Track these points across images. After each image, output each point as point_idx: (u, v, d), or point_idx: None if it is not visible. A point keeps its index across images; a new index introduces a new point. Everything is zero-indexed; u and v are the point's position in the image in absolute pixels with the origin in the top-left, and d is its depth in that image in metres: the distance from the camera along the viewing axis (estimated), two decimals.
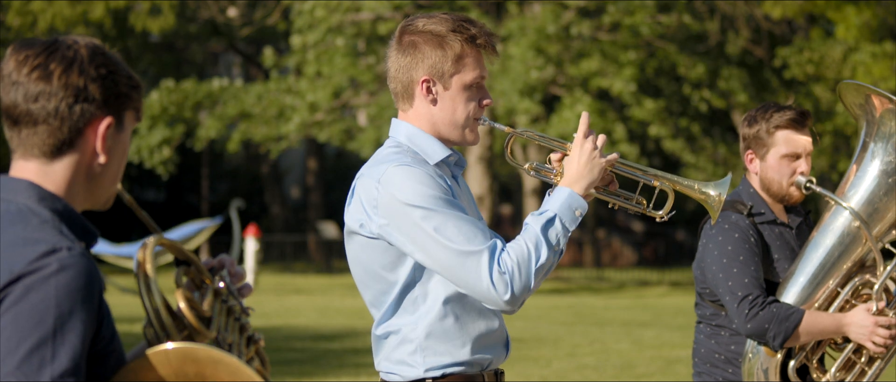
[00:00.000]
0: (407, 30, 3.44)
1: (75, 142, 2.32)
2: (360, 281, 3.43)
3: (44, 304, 2.15)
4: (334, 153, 41.06)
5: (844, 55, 22.91)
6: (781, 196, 4.66)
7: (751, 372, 4.56)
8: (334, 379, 11.38)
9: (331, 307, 19.74)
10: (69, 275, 2.17)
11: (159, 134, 25.75)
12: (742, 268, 4.51)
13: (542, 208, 3.37)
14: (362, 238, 3.34)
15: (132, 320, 15.52)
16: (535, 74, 23.42)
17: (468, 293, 3.27)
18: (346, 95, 25.56)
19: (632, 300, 23.45)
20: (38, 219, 2.26)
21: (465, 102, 3.41)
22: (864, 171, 4.62)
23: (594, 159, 3.41)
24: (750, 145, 4.68)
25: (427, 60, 3.39)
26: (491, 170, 27.05)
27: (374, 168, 3.35)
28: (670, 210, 3.60)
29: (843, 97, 4.70)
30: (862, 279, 4.58)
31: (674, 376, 11.59)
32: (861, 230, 4.53)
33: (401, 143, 3.41)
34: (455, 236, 3.22)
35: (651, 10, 24.64)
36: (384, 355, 3.40)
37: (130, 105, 2.38)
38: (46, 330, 2.13)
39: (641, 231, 39.28)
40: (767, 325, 4.44)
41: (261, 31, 32.99)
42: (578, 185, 3.39)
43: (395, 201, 3.26)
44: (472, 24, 3.42)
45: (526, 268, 3.23)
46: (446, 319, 3.33)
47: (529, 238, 3.27)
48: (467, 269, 3.21)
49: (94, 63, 2.32)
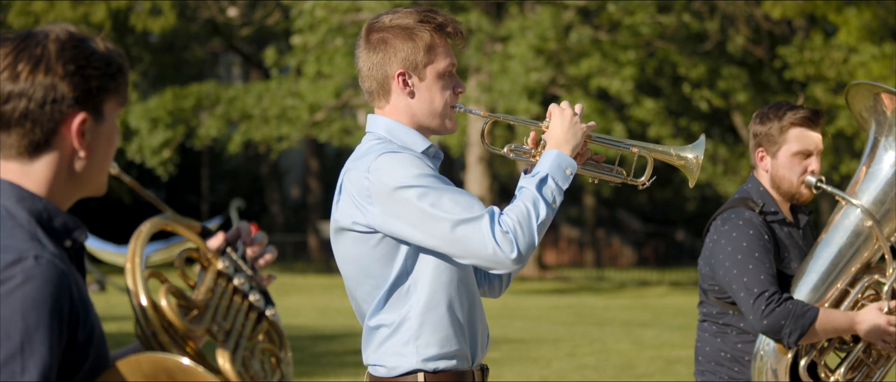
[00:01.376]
0: (374, 28, 3.46)
1: (51, 141, 2.25)
2: (352, 278, 3.43)
3: (10, 318, 2.09)
4: (334, 153, 41.05)
5: (845, 56, 22.92)
6: (791, 194, 4.65)
7: (761, 372, 4.55)
8: (334, 379, 11.38)
9: (331, 307, 19.74)
10: (35, 286, 2.11)
11: (161, 135, 25.78)
12: (758, 265, 4.50)
13: (534, 170, 3.43)
14: (354, 234, 3.35)
15: (132, 319, 15.52)
16: (535, 76, 23.43)
17: (473, 260, 3.29)
18: (346, 95, 25.57)
19: (632, 300, 23.45)
20: (13, 222, 2.20)
21: (440, 91, 3.44)
22: (875, 170, 4.60)
23: (576, 123, 3.49)
24: (761, 142, 4.67)
25: (399, 54, 3.41)
26: (491, 170, 27.05)
27: (359, 161, 3.36)
28: (650, 176, 3.68)
29: (850, 103, 4.68)
30: (870, 280, 4.58)
31: (674, 376, 11.59)
32: (873, 229, 4.52)
33: (381, 136, 3.43)
34: (452, 207, 3.26)
35: (651, 10, 24.64)
36: (374, 346, 3.40)
37: (109, 95, 2.29)
38: (14, 345, 2.09)
39: (641, 231, 39.27)
40: (784, 321, 4.43)
41: (261, 31, 32.99)
42: (565, 148, 3.46)
43: (387, 187, 3.28)
44: (438, 13, 3.45)
45: (527, 225, 3.27)
46: (437, 309, 3.35)
47: (526, 198, 3.33)
48: (470, 236, 3.25)
49: (63, 59, 2.23)
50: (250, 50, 35.91)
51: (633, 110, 24.60)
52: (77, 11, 25.38)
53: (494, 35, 24.55)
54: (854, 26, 22.18)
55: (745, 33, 26.11)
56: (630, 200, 40.04)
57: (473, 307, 3.44)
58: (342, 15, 24.58)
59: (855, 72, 22.26)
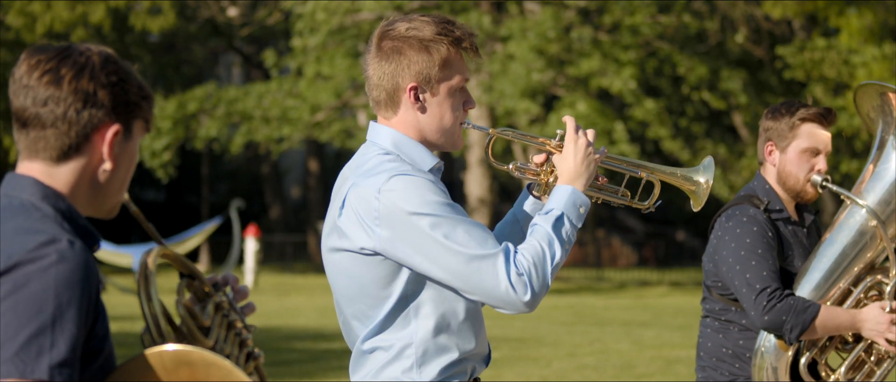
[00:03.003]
0: (387, 35, 3.27)
1: (82, 147, 2.34)
2: (345, 294, 3.26)
3: (44, 293, 2.16)
4: (334, 154, 41.05)
5: (845, 57, 22.92)
6: (797, 192, 4.66)
7: (761, 370, 4.56)
8: (334, 379, 11.38)
9: (331, 307, 19.59)
10: (69, 266, 2.18)
11: (164, 140, 25.81)
12: (760, 261, 4.51)
13: (547, 207, 3.28)
14: (353, 254, 3.20)
15: (133, 319, 15.53)
16: (535, 77, 23.42)
17: (483, 298, 3.16)
18: (346, 96, 25.58)
19: (632, 300, 23.45)
20: (40, 213, 2.28)
21: (452, 108, 3.28)
22: (882, 170, 4.59)
23: (589, 155, 3.34)
24: (771, 136, 4.68)
25: (414, 67, 3.24)
26: (491, 172, 27.05)
27: (369, 178, 3.18)
28: (656, 201, 3.54)
29: (859, 103, 4.68)
30: (874, 280, 4.58)
31: (674, 376, 11.59)
32: (877, 229, 4.52)
33: (388, 150, 3.27)
34: (467, 241, 3.12)
35: (651, 10, 24.64)
36: (369, 371, 3.25)
37: (140, 115, 2.40)
38: (46, 319, 2.15)
39: (641, 231, 39.28)
40: (785, 317, 4.43)
41: (261, 31, 32.99)
42: (579, 182, 3.32)
43: (400, 211, 3.12)
44: (455, 25, 3.29)
45: (542, 267, 3.15)
46: (440, 335, 3.22)
47: (541, 238, 3.19)
48: (483, 274, 3.11)
49: (105, 70, 2.34)
50: (250, 50, 35.90)
51: (633, 110, 24.60)
52: (75, 12, 25.37)
53: (495, 35, 24.55)
54: (855, 28, 22.18)
55: (745, 33, 26.11)
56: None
57: (479, 331, 3.31)
58: (342, 16, 24.58)
59: (855, 72, 22.25)
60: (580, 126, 3.38)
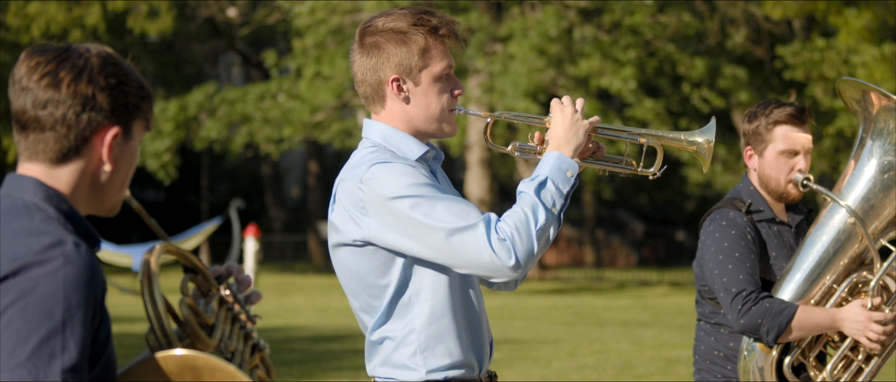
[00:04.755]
0: (367, 31, 3.36)
1: (81, 149, 2.33)
2: (350, 289, 3.36)
3: (53, 296, 2.15)
4: (334, 154, 41.05)
5: (845, 57, 22.92)
6: (779, 194, 4.66)
7: (746, 371, 4.56)
8: (334, 380, 11.38)
9: (331, 307, 19.73)
10: (76, 269, 2.18)
11: (165, 141, 25.81)
12: (737, 264, 4.51)
13: (534, 174, 3.31)
14: (349, 247, 3.28)
15: (132, 320, 15.53)
16: (536, 76, 23.43)
17: (470, 270, 3.19)
18: (346, 96, 25.58)
19: (632, 300, 23.45)
20: (44, 214, 2.28)
21: (437, 95, 3.34)
22: (861, 168, 4.61)
23: (577, 121, 3.36)
24: (749, 140, 4.68)
25: (393, 59, 3.31)
26: (491, 171, 27.05)
27: (353, 170, 3.28)
28: (661, 166, 3.53)
29: (842, 93, 4.69)
30: (859, 277, 4.58)
31: (674, 376, 11.59)
32: (857, 227, 4.53)
33: (376, 143, 3.35)
34: (446, 216, 3.16)
35: (651, 10, 24.64)
36: (380, 360, 3.33)
37: (140, 115, 2.39)
38: (56, 323, 2.14)
39: (641, 231, 39.28)
40: (760, 320, 4.43)
41: (261, 31, 32.99)
42: (567, 148, 3.33)
43: (380, 197, 3.19)
44: (432, 14, 3.34)
45: (525, 232, 3.16)
46: (442, 319, 3.28)
47: (525, 203, 3.21)
48: (465, 245, 3.15)
49: (105, 73, 2.33)
50: (250, 50, 35.90)
51: (633, 110, 24.61)
52: (72, 14, 25.36)
53: (495, 35, 24.56)
54: (854, 28, 22.17)
55: (745, 33, 26.11)
56: (630, 200, 40.04)
57: (478, 315, 3.36)
58: (341, 16, 24.58)
59: (855, 73, 22.24)
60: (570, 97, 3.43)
